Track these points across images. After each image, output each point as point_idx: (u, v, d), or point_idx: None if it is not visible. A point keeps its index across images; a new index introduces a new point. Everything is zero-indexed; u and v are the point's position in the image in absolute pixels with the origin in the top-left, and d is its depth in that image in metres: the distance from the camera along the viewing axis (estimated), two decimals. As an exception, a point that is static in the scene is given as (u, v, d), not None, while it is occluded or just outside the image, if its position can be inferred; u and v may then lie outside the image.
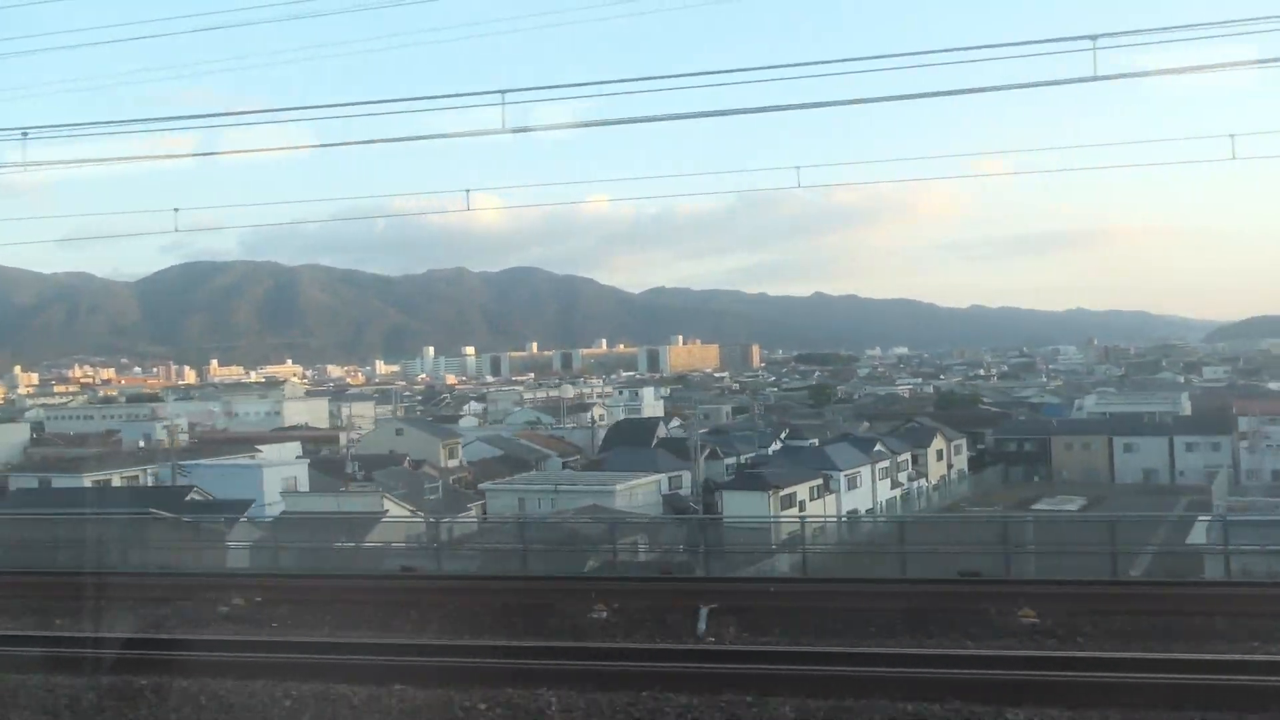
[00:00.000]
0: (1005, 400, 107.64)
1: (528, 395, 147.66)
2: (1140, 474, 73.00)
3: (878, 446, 60.28)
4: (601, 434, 77.53)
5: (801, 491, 50.19)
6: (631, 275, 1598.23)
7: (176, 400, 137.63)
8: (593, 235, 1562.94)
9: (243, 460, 51.32)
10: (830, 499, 52.82)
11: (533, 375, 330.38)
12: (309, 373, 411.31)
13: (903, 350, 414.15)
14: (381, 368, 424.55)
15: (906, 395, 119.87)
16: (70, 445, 75.19)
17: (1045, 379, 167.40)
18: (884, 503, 58.78)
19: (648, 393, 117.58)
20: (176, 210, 19.08)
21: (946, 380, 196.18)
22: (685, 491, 53.46)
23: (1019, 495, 65.48)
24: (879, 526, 45.24)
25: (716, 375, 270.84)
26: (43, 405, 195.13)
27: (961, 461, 74.50)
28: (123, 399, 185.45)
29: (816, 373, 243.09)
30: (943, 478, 70.47)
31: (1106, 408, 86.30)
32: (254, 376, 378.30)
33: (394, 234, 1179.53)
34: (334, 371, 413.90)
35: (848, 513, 51.85)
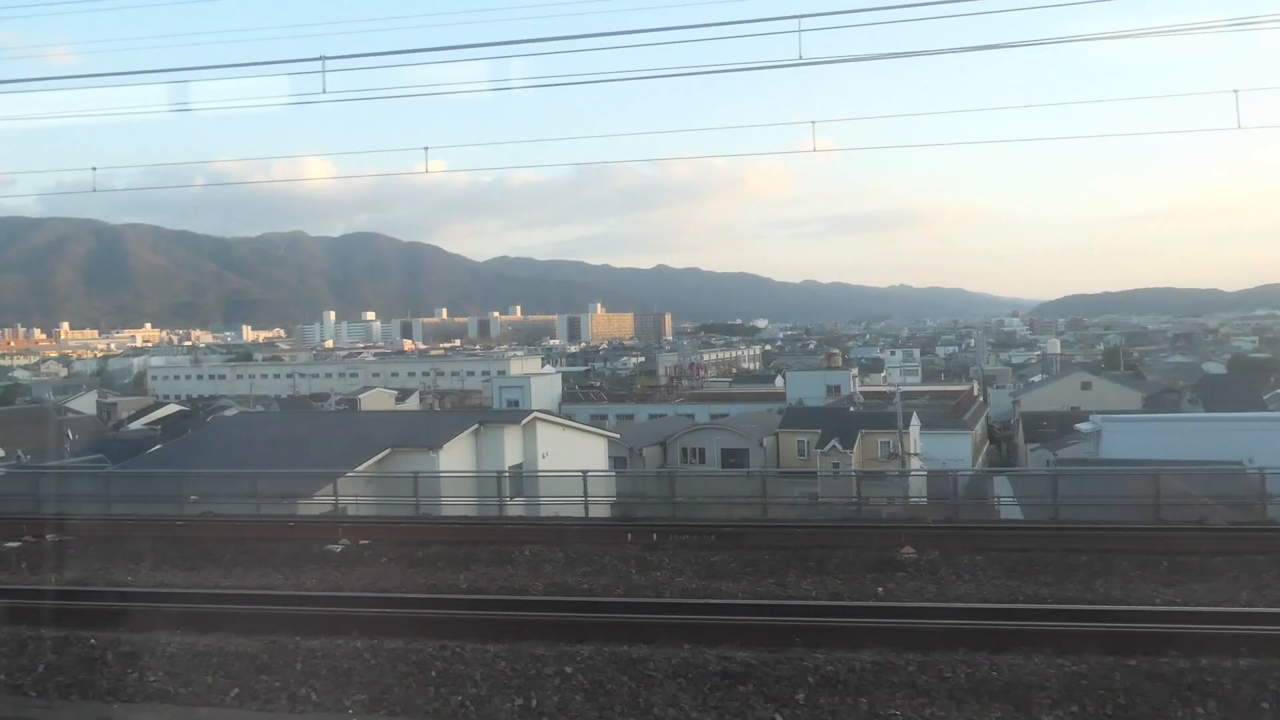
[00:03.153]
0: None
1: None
2: None
3: None
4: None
5: None
6: (471, 243, 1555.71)
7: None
8: (428, 201, 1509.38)
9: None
10: None
11: (459, 342, 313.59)
12: (173, 338, 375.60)
13: (764, 323, 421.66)
14: (248, 333, 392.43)
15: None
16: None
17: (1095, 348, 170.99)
18: None
19: (895, 358, 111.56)
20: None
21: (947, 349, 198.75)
22: None
23: None
24: None
25: (681, 340, 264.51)
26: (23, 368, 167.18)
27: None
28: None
29: (786, 342, 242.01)
30: None
31: None
32: (140, 339, 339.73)
33: (221, 193, 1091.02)
34: (203, 337, 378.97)
35: None
